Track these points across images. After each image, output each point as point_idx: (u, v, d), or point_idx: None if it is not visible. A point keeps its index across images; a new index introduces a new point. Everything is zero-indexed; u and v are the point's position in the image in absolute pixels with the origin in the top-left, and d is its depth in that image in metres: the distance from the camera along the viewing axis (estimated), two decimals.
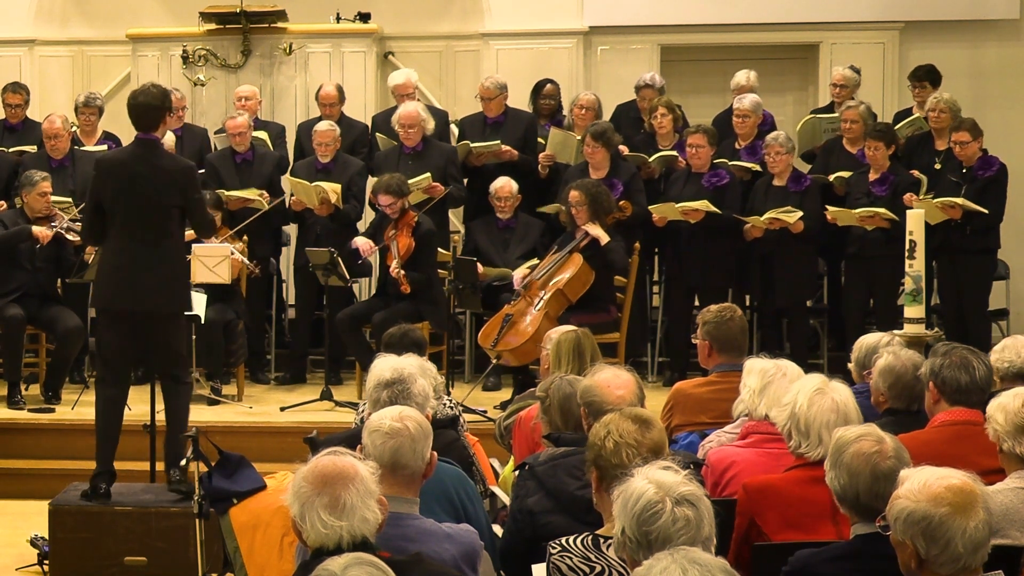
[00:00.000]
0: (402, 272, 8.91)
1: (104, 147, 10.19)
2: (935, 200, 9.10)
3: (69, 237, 9.15)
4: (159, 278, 7.06)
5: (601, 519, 4.01)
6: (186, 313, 7.59)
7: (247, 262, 9.28)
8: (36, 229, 9.09)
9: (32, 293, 9.16)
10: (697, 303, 9.58)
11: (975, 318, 9.45)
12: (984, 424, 4.46)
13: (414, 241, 9.00)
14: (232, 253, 8.98)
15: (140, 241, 7.06)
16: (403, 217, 9.03)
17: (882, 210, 9.11)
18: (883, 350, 5.56)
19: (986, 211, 9.12)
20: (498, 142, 9.96)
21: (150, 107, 7.19)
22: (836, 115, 10.07)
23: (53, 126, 9.69)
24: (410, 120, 9.69)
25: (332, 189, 9.56)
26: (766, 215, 9.30)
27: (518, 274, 9.21)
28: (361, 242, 9.23)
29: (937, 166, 9.66)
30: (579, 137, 9.92)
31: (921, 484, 3.32)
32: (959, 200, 9.07)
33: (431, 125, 9.86)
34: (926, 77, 10.24)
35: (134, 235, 7.07)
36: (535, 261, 9.32)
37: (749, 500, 4.41)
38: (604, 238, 8.81)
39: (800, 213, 9.24)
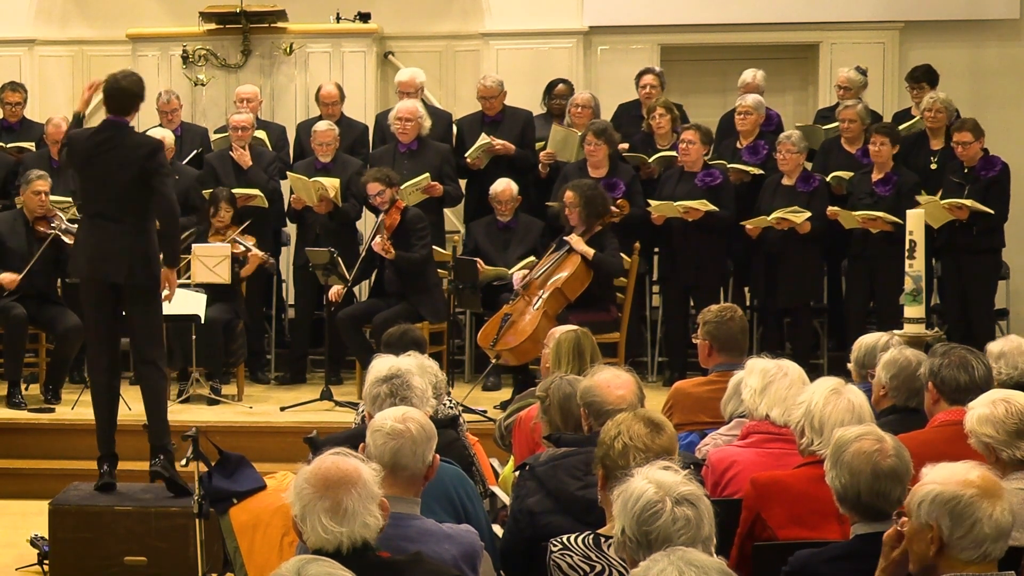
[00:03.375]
0: (388, 241, 8.93)
1: None
2: (943, 201, 9.11)
3: (66, 240, 9.12)
4: (125, 251, 7.09)
5: (601, 519, 4.01)
6: (184, 313, 7.58)
7: (261, 254, 9.34)
8: (2, 277, 9.08)
9: (30, 294, 9.15)
10: (692, 303, 9.60)
11: (981, 318, 9.46)
12: (968, 438, 4.45)
13: (400, 217, 9.04)
14: (249, 250, 9.22)
15: (104, 215, 7.14)
16: (392, 205, 9.07)
17: (882, 214, 9.11)
18: (888, 346, 5.61)
19: (992, 211, 9.13)
20: (488, 140, 9.97)
21: (131, 93, 7.28)
22: (835, 124, 10.06)
23: (59, 130, 9.68)
24: (407, 113, 9.72)
25: (331, 184, 9.57)
26: (773, 215, 9.30)
27: (518, 275, 9.21)
28: (376, 242, 9.18)
29: (933, 166, 9.68)
30: (580, 134, 9.93)
31: (949, 471, 3.36)
32: (968, 202, 9.08)
33: (427, 124, 9.88)
34: (923, 78, 10.25)
35: (99, 209, 7.17)
36: (531, 259, 9.34)
37: (757, 495, 4.42)
38: (589, 253, 8.82)
39: (808, 213, 9.24)
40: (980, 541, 3.28)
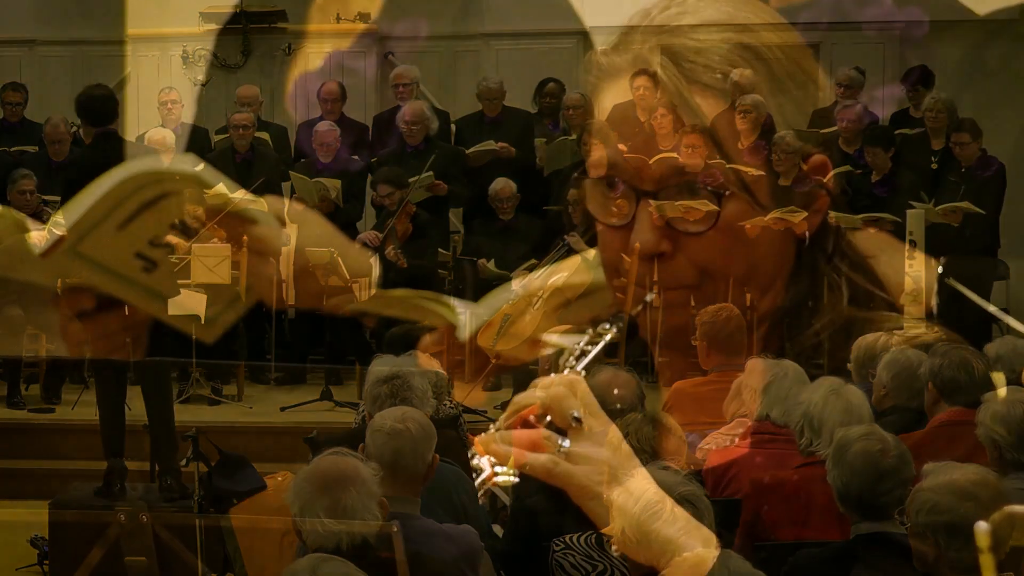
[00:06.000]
0: (399, 251, 8.96)
1: None
2: (937, 208, 9.12)
3: (58, 232, 9.10)
4: None
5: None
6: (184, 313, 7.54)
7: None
8: None
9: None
10: (692, 303, 9.59)
11: (976, 318, 9.45)
12: (975, 427, 4.45)
13: (412, 226, 9.06)
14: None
15: None
16: (402, 207, 9.08)
17: (886, 215, 9.12)
18: (889, 346, 5.62)
19: (983, 212, 9.14)
20: (492, 144, 9.97)
21: (106, 97, 7.14)
22: (834, 129, 10.06)
23: (58, 131, 9.69)
24: (414, 116, 9.73)
25: (332, 185, 9.58)
26: (771, 215, 9.29)
27: (516, 281, 9.20)
28: (368, 235, 9.26)
29: (933, 166, 9.68)
30: (572, 138, 9.92)
31: (947, 479, 3.33)
32: (963, 204, 9.08)
33: (435, 125, 9.90)
34: (919, 80, 10.26)
35: None
36: (532, 262, 9.34)
37: (757, 495, 4.42)
38: (590, 253, 8.88)
39: (805, 214, 9.24)
40: (977, 556, 3.28)
